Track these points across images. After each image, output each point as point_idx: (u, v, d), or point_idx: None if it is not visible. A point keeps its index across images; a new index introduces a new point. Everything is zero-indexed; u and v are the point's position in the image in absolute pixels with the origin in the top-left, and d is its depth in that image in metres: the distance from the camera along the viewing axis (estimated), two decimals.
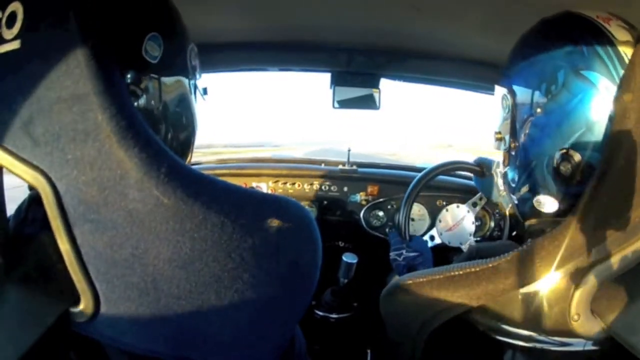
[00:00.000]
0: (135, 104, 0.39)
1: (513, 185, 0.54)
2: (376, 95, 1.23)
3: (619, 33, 0.44)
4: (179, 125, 0.46)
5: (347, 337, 1.17)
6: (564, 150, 0.45)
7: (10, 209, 0.39)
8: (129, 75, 0.38)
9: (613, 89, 0.43)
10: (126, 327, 0.33)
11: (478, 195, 0.99)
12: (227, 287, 0.32)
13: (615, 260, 0.40)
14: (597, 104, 0.43)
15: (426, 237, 1.02)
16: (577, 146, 0.45)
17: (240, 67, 1.25)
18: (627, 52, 0.43)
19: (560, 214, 0.48)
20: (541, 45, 0.50)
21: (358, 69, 1.19)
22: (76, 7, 0.32)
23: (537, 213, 0.50)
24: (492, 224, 1.20)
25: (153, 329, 0.33)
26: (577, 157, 0.45)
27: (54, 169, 0.30)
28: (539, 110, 0.49)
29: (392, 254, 0.85)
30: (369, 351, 1.13)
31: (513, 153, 0.53)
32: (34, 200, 0.39)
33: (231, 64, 1.19)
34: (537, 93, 0.49)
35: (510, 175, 0.54)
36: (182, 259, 0.31)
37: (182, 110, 0.46)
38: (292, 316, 0.37)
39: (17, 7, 0.31)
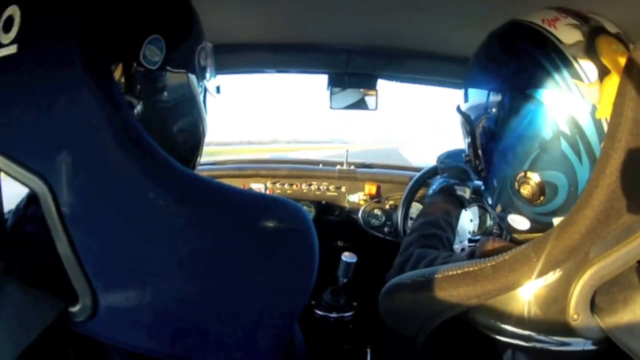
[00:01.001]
0: (134, 106, 0.38)
1: (489, 203, 0.54)
2: (374, 96, 1.23)
3: (567, 35, 0.42)
4: (183, 126, 0.45)
5: (347, 336, 1.17)
6: (522, 174, 0.45)
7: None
8: (126, 78, 0.37)
9: (562, 100, 0.42)
10: (125, 326, 0.33)
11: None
12: (223, 287, 0.33)
13: (613, 259, 0.40)
14: (547, 121, 0.42)
15: None
16: (534, 167, 0.44)
17: (237, 70, 1.24)
18: (576, 54, 0.41)
19: (534, 231, 0.48)
20: (487, 68, 0.49)
21: (356, 70, 1.19)
22: (74, 10, 0.32)
23: (517, 229, 0.50)
24: (491, 223, 1.20)
25: (151, 329, 0.33)
26: (535, 178, 0.45)
27: (52, 172, 0.30)
28: (492, 136, 0.48)
29: (452, 182, 0.82)
30: (368, 351, 1.13)
31: (482, 174, 0.54)
32: (32, 198, 0.39)
33: (227, 67, 1.19)
34: (488, 119, 0.49)
35: (485, 194, 0.55)
36: (178, 259, 0.31)
37: (186, 112, 0.44)
38: (289, 316, 0.37)
39: (14, 10, 0.31)
